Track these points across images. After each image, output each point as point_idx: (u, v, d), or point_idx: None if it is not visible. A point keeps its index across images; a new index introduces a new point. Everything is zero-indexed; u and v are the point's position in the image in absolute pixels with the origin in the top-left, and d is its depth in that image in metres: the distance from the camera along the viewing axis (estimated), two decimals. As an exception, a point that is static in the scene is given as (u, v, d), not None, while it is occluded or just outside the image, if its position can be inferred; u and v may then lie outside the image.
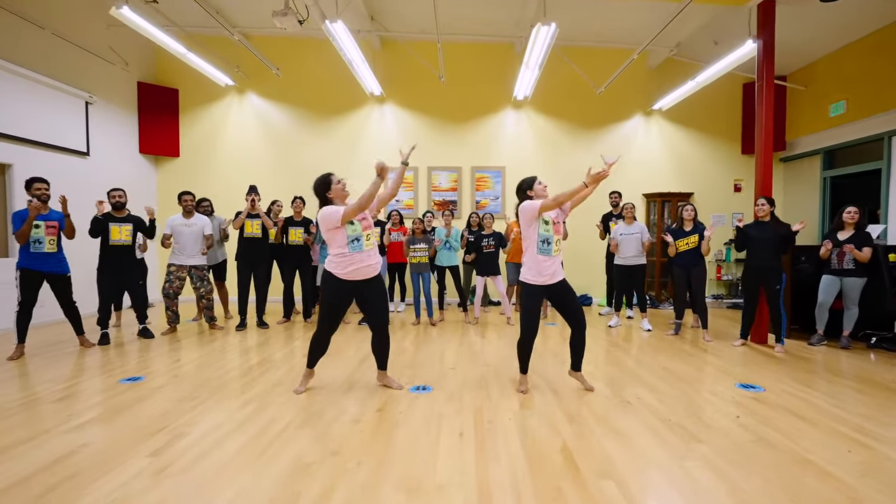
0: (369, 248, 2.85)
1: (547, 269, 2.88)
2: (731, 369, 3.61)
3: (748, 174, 7.23)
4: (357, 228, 2.82)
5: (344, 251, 2.81)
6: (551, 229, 2.87)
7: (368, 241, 2.85)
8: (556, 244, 2.88)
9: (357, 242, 2.81)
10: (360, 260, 2.83)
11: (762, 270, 4.14)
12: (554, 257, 2.89)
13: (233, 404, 2.81)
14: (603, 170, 2.79)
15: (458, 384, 3.21)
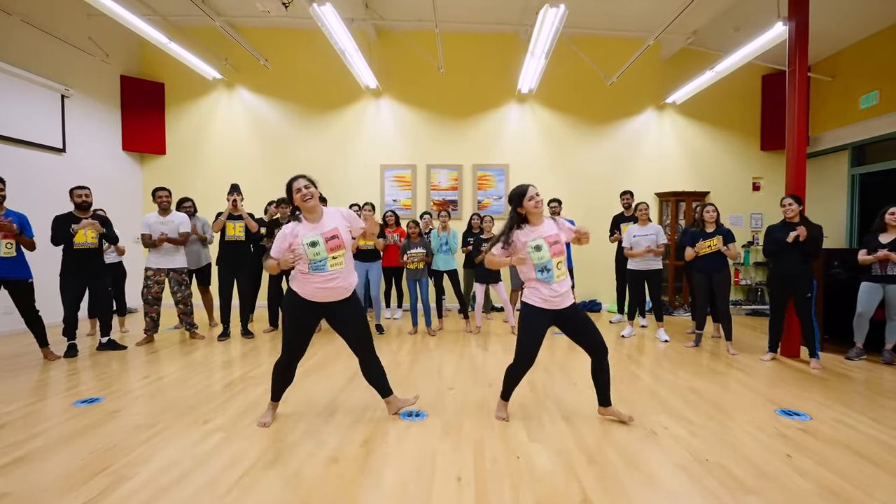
0: (336, 268, 2.42)
1: (552, 296, 2.44)
2: (766, 390, 3.19)
3: (767, 172, 6.80)
4: (320, 251, 2.38)
5: (305, 269, 2.42)
6: (547, 254, 2.42)
7: (335, 260, 2.42)
8: (556, 268, 2.42)
9: (320, 263, 2.40)
10: (324, 280, 2.40)
11: (791, 277, 3.73)
12: (559, 282, 2.45)
13: (195, 434, 2.42)
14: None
15: (457, 409, 2.81)
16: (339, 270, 2.43)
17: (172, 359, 3.95)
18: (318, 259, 2.38)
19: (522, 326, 2.51)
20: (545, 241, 2.42)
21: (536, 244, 2.42)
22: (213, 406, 2.83)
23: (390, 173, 6.96)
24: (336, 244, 2.42)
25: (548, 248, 2.41)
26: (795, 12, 3.95)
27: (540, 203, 2.45)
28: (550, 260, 2.41)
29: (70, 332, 3.99)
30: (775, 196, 6.82)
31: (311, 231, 2.42)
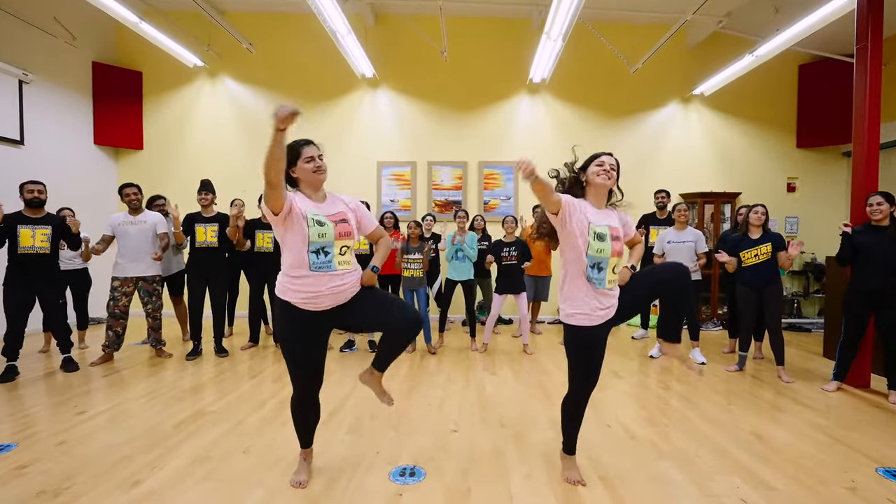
0: (345, 267, 1.80)
1: (599, 308, 1.82)
2: (850, 437, 2.55)
3: (803, 171, 6.18)
4: (327, 233, 1.77)
5: (302, 266, 1.76)
6: (608, 248, 1.79)
7: (343, 257, 1.80)
8: (611, 271, 1.80)
9: (324, 256, 1.76)
10: (319, 284, 1.76)
11: (877, 293, 3.09)
12: (610, 291, 1.83)
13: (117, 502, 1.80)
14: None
15: (463, 463, 2.19)
16: (345, 273, 1.81)
17: (126, 385, 3.33)
18: (322, 243, 1.76)
19: (576, 354, 1.91)
20: (609, 230, 1.80)
21: (600, 231, 1.79)
22: (151, 457, 2.21)
23: (388, 171, 6.35)
24: (346, 230, 1.83)
25: (610, 242, 1.79)
26: (866, -23, 3.33)
27: (607, 174, 1.84)
28: (608, 259, 1.79)
29: (11, 352, 3.40)
30: (811, 198, 6.22)
31: (315, 208, 1.82)
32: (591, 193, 1.89)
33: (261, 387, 3.29)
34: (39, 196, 3.49)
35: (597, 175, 1.84)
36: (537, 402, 3.08)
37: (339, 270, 1.78)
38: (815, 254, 6.02)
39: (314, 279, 1.75)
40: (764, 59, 4.91)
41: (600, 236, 1.78)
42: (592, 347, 1.87)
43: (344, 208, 1.91)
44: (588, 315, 1.81)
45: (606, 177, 1.83)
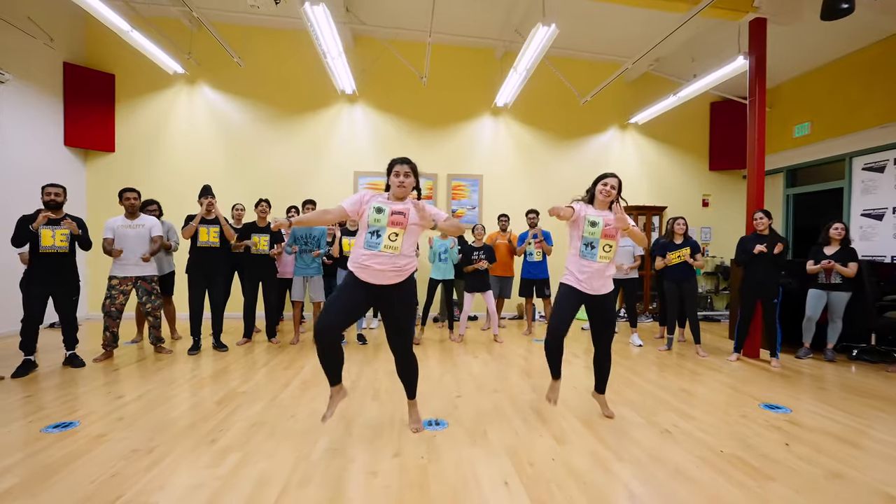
0: (390, 250, 2.32)
1: (585, 278, 2.60)
2: (744, 387, 3.49)
3: (715, 189, 7.48)
4: (381, 219, 2.32)
5: (360, 245, 2.36)
6: (599, 231, 2.58)
7: (393, 241, 2.33)
8: (602, 249, 2.58)
9: (376, 238, 2.32)
10: (369, 259, 2.30)
11: (761, 284, 4.13)
12: (601, 263, 2.59)
13: (207, 456, 2.22)
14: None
15: (473, 416, 2.81)
16: (391, 256, 2.32)
17: (143, 376, 3.58)
18: (376, 227, 2.31)
19: (555, 302, 2.69)
20: (603, 222, 2.58)
21: (594, 220, 2.59)
22: (211, 425, 2.61)
23: (364, 180, 6.83)
24: (398, 220, 2.33)
25: (602, 228, 2.57)
26: (755, 47, 4.43)
27: (606, 192, 2.63)
28: (599, 239, 2.56)
29: (29, 346, 3.53)
30: (722, 212, 7.53)
31: (386, 202, 2.38)
32: (597, 203, 2.68)
33: (276, 373, 3.69)
34: (56, 199, 3.66)
35: (599, 192, 2.66)
36: (518, 376, 3.76)
37: (382, 252, 2.31)
38: (724, 258, 7.32)
39: (364, 256, 2.32)
40: (687, 98, 6.04)
41: (594, 223, 2.58)
42: (566, 300, 2.63)
43: (409, 206, 2.40)
44: (574, 280, 2.62)
45: (605, 195, 2.63)
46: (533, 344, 5.05)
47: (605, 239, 2.58)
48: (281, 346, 4.72)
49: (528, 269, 5.41)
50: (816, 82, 6.20)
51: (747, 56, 4.53)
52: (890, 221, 5.30)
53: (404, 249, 2.37)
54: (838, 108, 5.82)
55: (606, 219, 2.60)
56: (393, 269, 2.34)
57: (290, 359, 4.17)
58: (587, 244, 2.60)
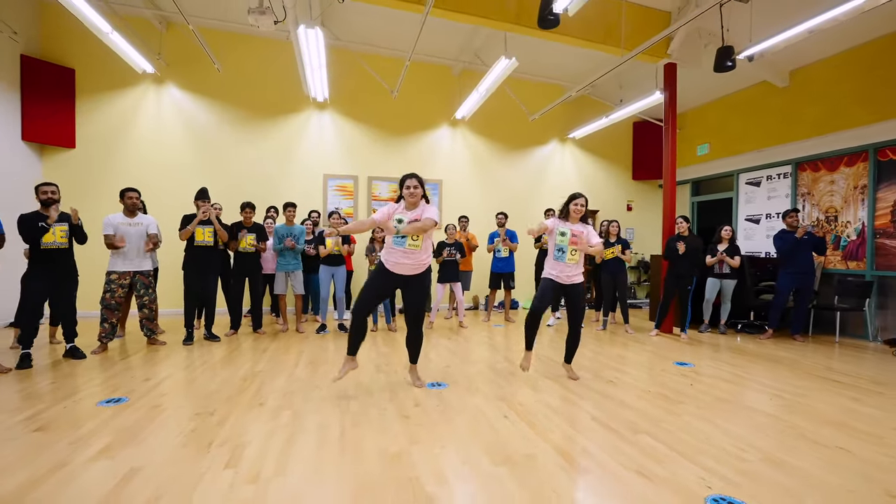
0: (413, 248, 3.00)
1: (559, 273, 3.41)
2: (662, 353, 4.54)
3: (637, 196, 8.82)
4: (401, 227, 2.99)
5: (390, 244, 3.04)
6: (566, 240, 3.38)
7: (414, 241, 2.99)
8: (570, 254, 3.38)
9: (400, 239, 3.00)
10: (396, 255, 3.02)
11: (681, 275, 5.25)
12: (568, 265, 3.39)
13: (264, 414, 2.71)
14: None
15: (465, 378, 3.51)
16: (415, 252, 3.00)
17: (156, 362, 3.86)
18: (400, 234, 2.97)
19: (539, 289, 3.50)
20: (570, 232, 3.37)
21: (563, 231, 3.39)
22: (251, 393, 3.07)
23: (333, 182, 7.27)
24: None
25: (569, 237, 3.35)
26: (668, 85, 5.59)
27: (577, 210, 3.40)
28: (567, 245, 3.36)
29: (28, 340, 3.65)
30: (643, 215, 8.87)
31: (404, 213, 3.03)
32: (571, 218, 3.45)
33: (280, 356, 4.13)
34: (53, 196, 3.80)
35: (572, 210, 3.43)
36: (489, 351, 4.53)
37: (407, 249, 3.01)
38: (644, 255, 8.67)
39: (393, 251, 3.03)
40: (616, 119, 7.20)
41: (563, 233, 3.38)
42: (548, 288, 3.45)
43: (419, 213, 3.05)
44: (552, 274, 3.44)
45: (576, 212, 3.41)
46: (494, 329, 5.86)
47: (572, 245, 3.38)
48: (269, 335, 5.09)
49: (497, 264, 6.21)
50: (712, 112, 7.67)
51: (663, 91, 5.68)
52: (764, 225, 6.79)
53: (424, 247, 3.06)
54: (728, 133, 7.29)
55: (573, 230, 3.40)
56: (414, 263, 3.05)
57: (286, 345, 4.61)
58: (559, 249, 3.41)
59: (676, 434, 2.49)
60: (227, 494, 1.84)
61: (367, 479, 1.96)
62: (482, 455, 2.20)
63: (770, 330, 5.38)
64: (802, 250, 5.15)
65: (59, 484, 1.90)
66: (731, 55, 4.62)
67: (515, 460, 2.16)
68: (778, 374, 3.79)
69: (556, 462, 2.14)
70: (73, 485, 1.89)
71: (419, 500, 1.81)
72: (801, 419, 2.74)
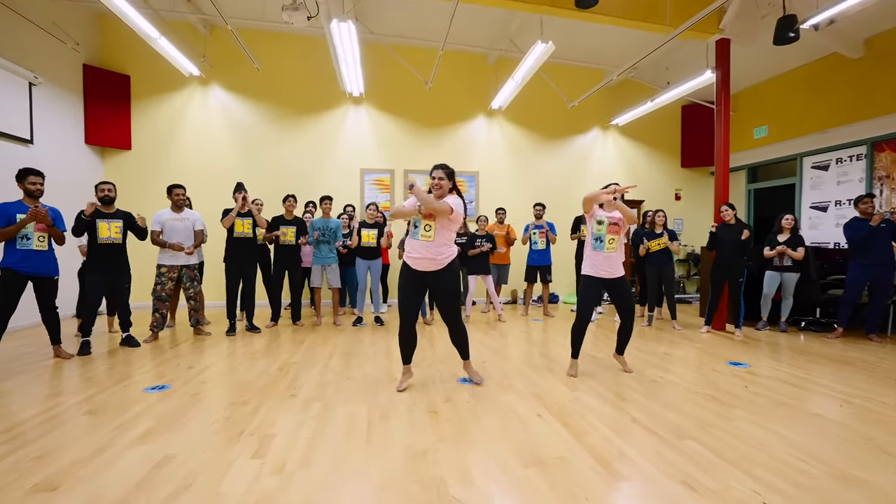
0: (425, 239, 2.84)
1: (600, 265, 3.22)
2: (715, 351, 4.22)
3: (686, 184, 8.30)
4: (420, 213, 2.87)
5: (409, 235, 2.96)
6: (605, 228, 3.21)
7: (427, 232, 2.84)
8: (608, 242, 3.21)
9: (415, 228, 2.89)
10: (411, 248, 2.89)
11: (729, 267, 4.87)
12: (608, 253, 3.21)
13: (295, 405, 2.74)
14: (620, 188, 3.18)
15: (500, 374, 3.41)
16: (428, 244, 2.84)
17: (201, 351, 4.03)
18: (416, 220, 2.87)
19: (580, 291, 3.35)
20: (608, 219, 3.20)
21: (600, 219, 3.23)
22: (285, 384, 3.12)
23: (370, 177, 7.32)
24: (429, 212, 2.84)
25: (607, 225, 3.20)
26: (721, 63, 5.16)
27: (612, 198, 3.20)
28: (605, 234, 3.19)
29: (87, 329, 3.92)
30: (693, 205, 8.35)
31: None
32: (606, 205, 3.29)
33: (316, 348, 4.20)
34: (109, 194, 4.03)
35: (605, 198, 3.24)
36: (525, 346, 4.39)
37: (420, 241, 2.86)
38: (694, 247, 8.16)
39: (410, 246, 2.93)
40: (662, 103, 6.77)
41: (600, 221, 3.21)
42: (587, 290, 3.29)
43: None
44: (591, 270, 3.27)
45: (610, 197, 3.21)
46: (532, 323, 5.69)
47: (610, 234, 3.21)
48: (307, 328, 5.20)
49: (533, 257, 6.03)
50: (772, 91, 7.05)
51: (714, 70, 5.26)
52: (833, 213, 6.18)
53: (437, 238, 2.85)
54: (790, 113, 6.67)
55: (611, 218, 3.22)
56: (429, 258, 2.86)
57: (323, 337, 4.68)
58: (596, 238, 3.25)
59: (727, 440, 2.27)
60: (251, 484, 1.85)
61: (390, 477, 1.91)
62: (511, 456, 2.10)
63: (839, 328, 4.88)
64: (879, 240, 4.61)
65: (100, 466, 1.98)
66: (794, 25, 4.19)
67: (547, 462, 2.04)
68: (848, 377, 3.41)
69: (590, 466, 2.01)
70: (112, 468, 1.97)
71: (443, 501, 1.74)
72: (876, 429, 2.43)
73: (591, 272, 3.28)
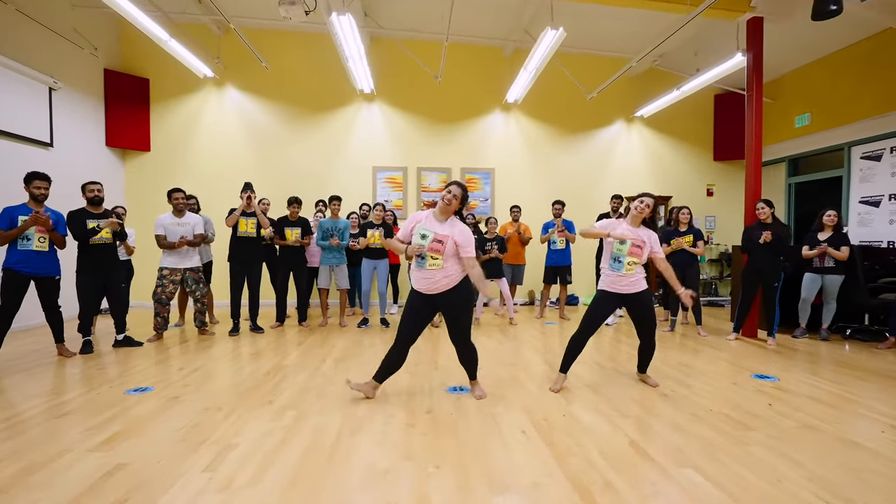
0: (432, 268, 2.66)
1: (616, 282, 2.96)
2: (740, 361, 3.82)
3: (719, 179, 7.72)
4: (424, 244, 2.65)
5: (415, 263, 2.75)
6: (625, 250, 2.90)
7: (434, 262, 2.66)
8: (627, 265, 2.90)
9: (421, 259, 2.69)
10: (419, 276, 2.71)
11: (763, 270, 4.41)
12: (626, 275, 2.92)
13: (268, 412, 2.62)
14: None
15: (493, 383, 3.18)
16: (435, 272, 2.67)
17: (194, 353, 4.01)
18: (421, 252, 2.65)
19: (592, 304, 3.04)
20: (631, 241, 2.88)
21: (623, 239, 2.91)
22: (267, 389, 3.02)
23: (382, 175, 7.21)
24: (436, 248, 2.63)
25: (629, 246, 2.88)
26: (752, 45, 4.69)
27: (640, 210, 2.92)
28: (625, 256, 2.89)
29: (86, 329, 3.96)
30: (726, 201, 7.77)
31: (431, 226, 2.68)
32: (630, 218, 2.98)
33: (312, 350, 4.10)
34: (98, 195, 4.02)
35: (634, 209, 2.96)
36: (531, 352, 4.13)
37: (428, 270, 2.68)
38: (728, 246, 7.58)
39: (416, 271, 2.73)
40: (690, 91, 6.29)
41: (622, 241, 2.89)
42: (600, 305, 3.00)
43: (453, 234, 2.66)
44: (606, 284, 2.99)
45: (638, 212, 2.93)
46: (545, 326, 5.41)
47: (630, 257, 2.89)
48: (311, 328, 5.13)
49: (552, 257, 5.73)
50: (815, 75, 6.41)
51: (745, 52, 4.79)
52: (886, 208, 5.54)
53: (446, 266, 2.68)
54: (836, 99, 6.04)
55: (635, 240, 2.88)
56: (438, 282, 2.68)
57: (322, 339, 4.58)
58: (615, 259, 2.94)
59: (735, 471, 1.97)
60: (193, 500, 1.72)
61: (340, 499, 1.74)
62: (480, 480, 1.89)
63: (892, 338, 4.34)
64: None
65: (52, 473, 1.92)
66: (836, -3, 3.72)
67: (518, 489, 1.82)
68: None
69: (566, 497, 1.77)
70: (62, 475, 1.90)
71: (386, 531, 1.55)
72: (925, 462, 2.05)
73: (606, 287, 3.00)
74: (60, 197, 5.27)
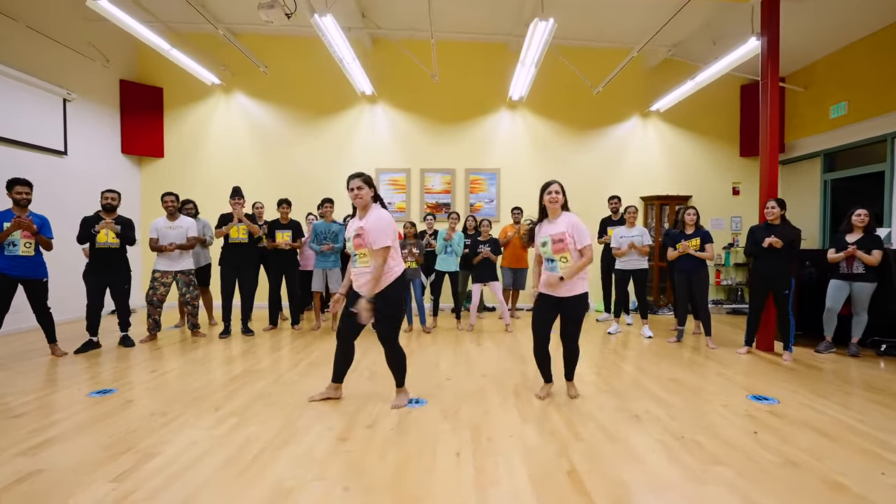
0: (362, 265, 2.65)
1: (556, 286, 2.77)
2: (741, 379, 3.44)
3: (747, 177, 7.12)
4: (349, 243, 2.71)
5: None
6: (549, 249, 2.76)
7: (363, 258, 2.64)
8: (560, 262, 2.73)
9: (355, 257, 2.69)
10: (355, 275, 2.72)
11: (772, 276, 3.98)
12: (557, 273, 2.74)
13: (209, 420, 2.57)
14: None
15: (455, 397, 3.01)
16: (364, 269, 2.63)
17: (178, 355, 4.08)
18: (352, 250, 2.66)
19: (533, 316, 2.91)
20: (550, 238, 2.72)
21: (543, 240, 2.77)
22: (222, 396, 2.98)
23: (385, 177, 7.15)
24: (358, 242, 2.62)
25: (551, 245, 2.72)
26: (767, 28, 4.24)
27: (553, 199, 2.76)
28: (552, 255, 2.75)
29: (93, 329, 4.16)
30: (754, 200, 7.14)
31: (354, 223, 2.69)
32: (549, 213, 2.81)
33: (290, 355, 4.07)
34: (112, 202, 4.21)
35: (548, 202, 2.77)
36: (512, 362, 3.90)
37: (358, 267, 2.66)
38: (757, 248, 6.96)
39: (353, 271, 2.71)
40: (704, 83, 5.82)
41: (544, 243, 2.75)
42: (540, 310, 2.86)
43: (365, 223, 2.63)
44: (545, 288, 2.83)
45: (552, 200, 2.74)
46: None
47: (558, 254, 2.72)
48: (302, 332, 5.12)
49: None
50: (852, 59, 5.74)
51: (759, 36, 4.34)
52: (937, 207, 4.88)
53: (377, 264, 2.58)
54: (876, 85, 5.37)
55: (555, 235, 2.72)
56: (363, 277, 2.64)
57: (307, 343, 4.55)
58: (548, 259, 2.79)
59: (677, 514, 1.71)
60: (79, 517, 1.67)
61: (223, 523, 1.64)
62: (381, 508, 1.73)
63: (934, 355, 3.79)
64: None
65: (-31, 479, 1.93)
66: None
67: (417, 523, 1.65)
68: (917, 427, 2.55)
69: (466, 534, 1.58)
70: (-24, 482, 1.91)
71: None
72: (921, 515, 1.71)
73: (544, 290, 2.85)
74: (75, 202, 5.59)
